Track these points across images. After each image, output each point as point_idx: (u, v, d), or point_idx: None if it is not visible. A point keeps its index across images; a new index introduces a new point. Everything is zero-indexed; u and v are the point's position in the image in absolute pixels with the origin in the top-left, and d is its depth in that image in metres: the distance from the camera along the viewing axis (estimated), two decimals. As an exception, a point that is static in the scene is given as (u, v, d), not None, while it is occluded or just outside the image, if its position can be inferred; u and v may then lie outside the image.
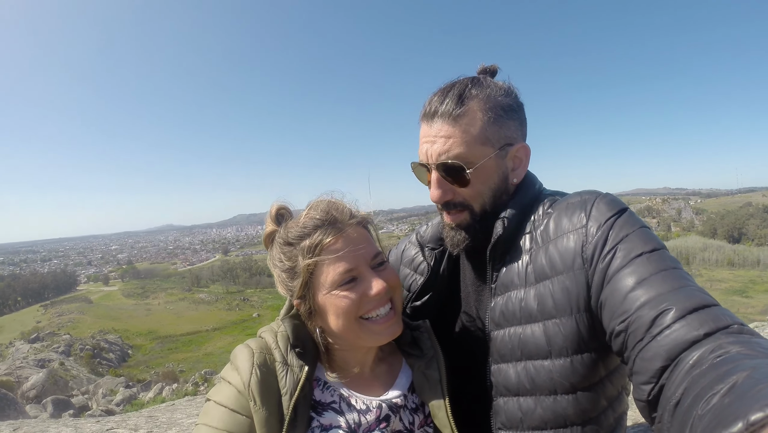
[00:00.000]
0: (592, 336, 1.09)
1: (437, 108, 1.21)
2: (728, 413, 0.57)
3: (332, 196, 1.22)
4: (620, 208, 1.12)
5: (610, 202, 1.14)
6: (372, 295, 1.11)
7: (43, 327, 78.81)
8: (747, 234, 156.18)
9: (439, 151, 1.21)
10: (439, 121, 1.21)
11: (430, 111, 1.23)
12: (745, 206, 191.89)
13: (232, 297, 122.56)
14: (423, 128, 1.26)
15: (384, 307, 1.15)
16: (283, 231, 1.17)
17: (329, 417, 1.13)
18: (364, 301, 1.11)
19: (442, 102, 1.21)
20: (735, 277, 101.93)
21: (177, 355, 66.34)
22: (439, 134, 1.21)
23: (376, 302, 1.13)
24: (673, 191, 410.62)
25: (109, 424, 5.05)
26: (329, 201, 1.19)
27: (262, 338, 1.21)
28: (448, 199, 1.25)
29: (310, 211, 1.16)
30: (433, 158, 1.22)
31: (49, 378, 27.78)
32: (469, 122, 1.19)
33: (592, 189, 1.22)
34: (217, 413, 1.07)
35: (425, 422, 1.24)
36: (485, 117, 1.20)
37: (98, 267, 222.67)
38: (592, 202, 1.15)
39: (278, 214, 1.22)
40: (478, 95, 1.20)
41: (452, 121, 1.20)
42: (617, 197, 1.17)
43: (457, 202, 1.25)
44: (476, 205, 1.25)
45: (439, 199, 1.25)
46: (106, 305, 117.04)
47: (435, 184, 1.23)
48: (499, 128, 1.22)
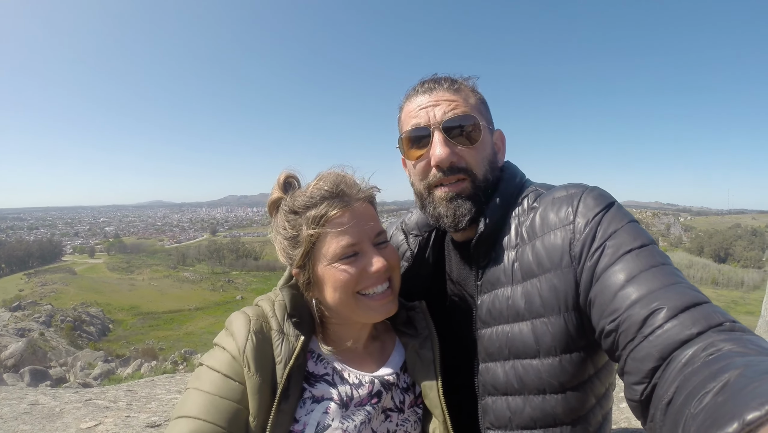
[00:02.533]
0: (581, 335, 1.08)
1: (434, 84, 1.26)
2: (723, 413, 0.56)
3: (343, 169, 1.22)
4: (608, 203, 1.10)
5: (597, 197, 1.12)
6: (371, 271, 1.11)
7: (26, 296, 78.03)
8: (733, 255, 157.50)
9: (444, 111, 1.21)
10: (439, 90, 1.24)
11: (427, 86, 1.26)
12: (734, 227, 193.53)
13: (217, 278, 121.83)
14: (419, 99, 1.26)
15: (382, 285, 1.16)
16: (289, 199, 1.17)
17: (321, 389, 1.13)
18: (363, 276, 1.12)
19: (438, 81, 1.27)
20: (718, 296, 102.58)
21: (158, 332, 65.67)
22: (442, 98, 1.23)
23: (375, 279, 1.13)
24: (664, 206, 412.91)
25: (88, 395, 5.04)
26: (339, 174, 1.19)
27: (259, 306, 1.21)
28: (453, 162, 1.21)
29: (319, 182, 1.15)
30: (438, 118, 1.21)
31: (28, 348, 27.46)
32: (466, 96, 1.26)
33: (579, 182, 1.21)
34: (209, 377, 1.06)
35: (415, 402, 1.25)
36: (475, 97, 1.28)
37: (85, 239, 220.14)
38: (579, 196, 1.13)
39: (286, 181, 1.21)
40: (466, 82, 1.29)
41: (453, 91, 1.25)
42: (604, 190, 1.15)
43: (461, 167, 1.22)
44: (478, 172, 1.23)
45: (444, 160, 1.19)
46: (90, 278, 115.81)
47: (441, 144, 1.19)
48: (486, 110, 1.30)
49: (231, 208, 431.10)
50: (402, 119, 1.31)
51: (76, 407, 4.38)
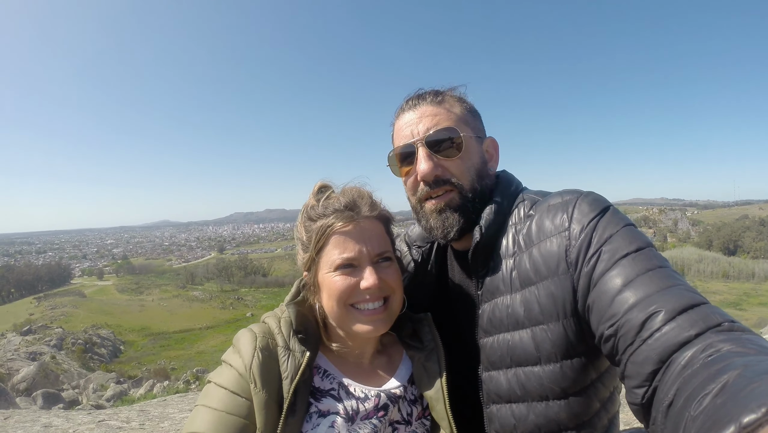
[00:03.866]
0: (581, 340, 1.08)
1: (418, 100, 1.29)
2: (721, 415, 0.56)
3: (365, 186, 1.27)
4: (602, 208, 1.10)
5: (592, 202, 1.12)
6: (362, 288, 1.14)
7: (36, 320, 78.21)
8: (743, 247, 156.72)
9: (427, 126, 1.24)
10: (423, 105, 1.28)
11: (411, 103, 1.30)
12: (742, 219, 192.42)
13: (226, 296, 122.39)
14: (405, 116, 1.29)
15: (374, 303, 1.17)
16: (310, 207, 1.23)
17: (327, 403, 1.15)
18: (355, 291, 1.15)
19: (421, 96, 1.30)
20: (729, 289, 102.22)
21: (169, 352, 65.96)
22: (425, 114, 1.26)
23: (367, 295, 1.15)
24: (671, 202, 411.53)
25: (101, 416, 5.03)
26: (359, 190, 1.24)
27: (265, 323, 1.23)
28: (438, 174, 1.23)
29: (339, 195, 1.22)
30: (421, 134, 1.24)
31: (40, 371, 27.54)
32: (450, 107, 1.28)
33: (574, 189, 1.20)
34: (217, 394, 1.08)
35: (423, 414, 1.27)
36: (461, 107, 1.30)
37: (93, 261, 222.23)
38: (574, 203, 1.13)
39: (320, 190, 1.27)
40: (452, 92, 1.31)
41: (436, 104, 1.27)
42: (599, 195, 1.16)
43: (445, 179, 1.24)
44: (465, 183, 1.25)
45: (428, 174, 1.22)
46: (99, 300, 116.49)
47: (424, 158, 1.22)
48: (473, 119, 1.31)
49: (238, 225, 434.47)
50: (393, 137, 1.35)
51: (89, 428, 4.37)
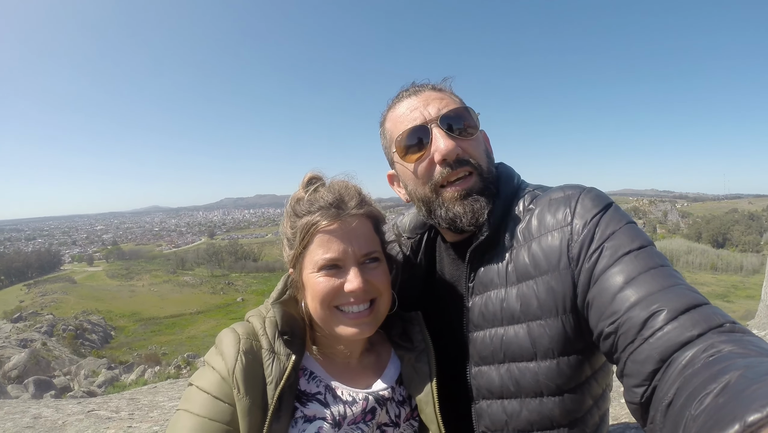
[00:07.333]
0: (579, 337, 1.07)
1: (418, 88, 1.27)
2: (724, 414, 0.56)
3: (352, 180, 1.22)
4: (606, 204, 1.10)
5: (595, 198, 1.11)
6: (346, 291, 1.09)
7: (26, 307, 77.84)
8: (731, 240, 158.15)
9: (438, 107, 1.20)
10: (425, 91, 1.25)
11: (411, 90, 1.27)
12: (731, 212, 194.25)
13: (217, 281, 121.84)
14: (405, 103, 1.25)
15: (359, 306, 1.12)
16: (296, 201, 1.17)
17: (314, 408, 1.11)
18: (339, 292, 1.10)
19: (420, 85, 1.28)
20: (717, 281, 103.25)
21: (160, 337, 65.84)
22: (431, 98, 1.22)
23: (351, 298, 1.11)
24: (661, 193, 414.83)
25: (91, 405, 5.08)
26: (346, 185, 1.18)
27: (250, 322, 1.18)
28: (459, 153, 1.18)
29: (324, 190, 1.16)
30: (433, 114, 1.19)
31: (31, 358, 27.54)
32: (450, 94, 1.27)
33: (576, 183, 1.19)
34: (199, 399, 1.04)
35: (411, 415, 1.23)
36: (457, 97, 1.28)
37: (83, 247, 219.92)
38: (577, 197, 1.12)
39: (309, 182, 1.20)
40: (444, 83, 1.30)
41: (439, 91, 1.26)
42: (602, 192, 1.15)
43: (465, 159, 1.19)
44: (483, 165, 1.22)
45: (452, 152, 1.16)
46: (89, 286, 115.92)
47: (444, 137, 1.17)
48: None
49: (228, 210, 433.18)
50: (389, 128, 1.28)
51: (79, 419, 4.42)
